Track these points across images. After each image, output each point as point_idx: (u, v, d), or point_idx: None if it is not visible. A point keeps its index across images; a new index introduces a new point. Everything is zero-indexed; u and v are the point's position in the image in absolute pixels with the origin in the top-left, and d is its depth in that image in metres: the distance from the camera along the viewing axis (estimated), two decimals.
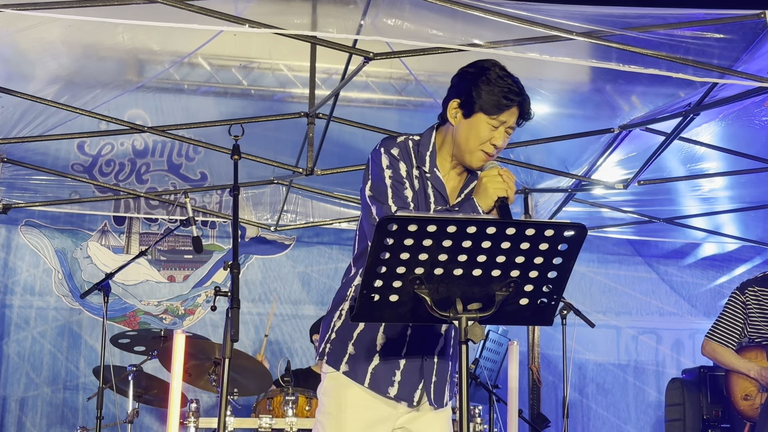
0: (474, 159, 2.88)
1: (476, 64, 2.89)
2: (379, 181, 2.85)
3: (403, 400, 2.89)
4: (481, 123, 2.83)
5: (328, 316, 3.00)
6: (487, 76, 2.82)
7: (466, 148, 2.87)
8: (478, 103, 2.82)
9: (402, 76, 6.23)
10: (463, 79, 2.88)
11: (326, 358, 2.93)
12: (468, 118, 2.85)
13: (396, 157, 2.87)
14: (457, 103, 2.87)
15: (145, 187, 6.96)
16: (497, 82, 2.81)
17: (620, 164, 6.39)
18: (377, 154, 2.89)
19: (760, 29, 4.59)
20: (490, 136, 2.84)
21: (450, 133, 2.92)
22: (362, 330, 2.89)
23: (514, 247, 2.35)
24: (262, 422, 4.83)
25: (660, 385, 7.32)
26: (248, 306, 7.06)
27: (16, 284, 6.95)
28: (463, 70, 2.91)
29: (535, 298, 2.46)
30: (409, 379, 2.89)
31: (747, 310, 5.25)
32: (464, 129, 2.87)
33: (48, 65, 5.45)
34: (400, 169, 2.86)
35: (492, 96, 2.81)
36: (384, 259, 2.33)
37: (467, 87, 2.84)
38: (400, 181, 2.85)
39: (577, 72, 5.74)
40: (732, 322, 5.28)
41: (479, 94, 2.81)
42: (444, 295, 2.41)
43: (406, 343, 2.88)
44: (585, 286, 7.63)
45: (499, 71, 2.84)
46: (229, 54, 6.21)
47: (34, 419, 6.80)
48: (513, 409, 4.96)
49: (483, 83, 2.82)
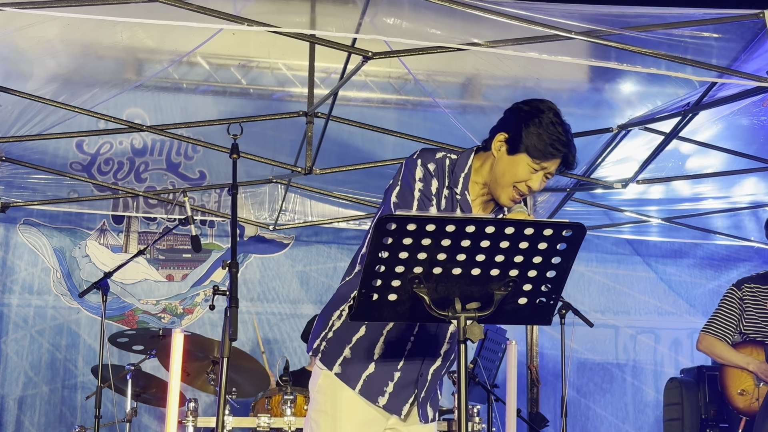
0: (504, 195, 2.87)
1: (532, 104, 2.88)
2: (407, 191, 2.84)
3: (392, 413, 2.88)
4: (523, 163, 2.82)
5: (326, 313, 2.96)
6: (541, 119, 2.81)
7: (502, 182, 2.86)
8: (524, 143, 2.81)
9: (401, 76, 6.23)
10: (516, 115, 2.87)
11: (320, 355, 2.91)
12: (511, 155, 2.84)
13: (431, 173, 2.85)
14: (504, 137, 2.86)
15: (144, 185, 6.96)
16: (548, 128, 2.80)
17: (619, 164, 6.39)
18: (413, 163, 2.86)
19: (759, 29, 4.59)
20: (528, 177, 2.84)
21: (489, 163, 2.91)
22: (362, 336, 2.86)
23: (513, 246, 2.35)
24: (261, 421, 4.83)
25: (658, 384, 7.32)
26: (247, 305, 7.05)
27: (14, 283, 6.94)
28: (518, 105, 2.90)
29: (534, 298, 2.46)
30: (401, 392, 2.88)
31: (743, 305, 5.28)
32: (504, 164, 2.86)
33: (46, 64, 5.45)
34: (431, 185, 2.85)
35: (540, 141, 2.79)
36: (383, 258, 2.33)
37: (518, 124, 2.83)
38: (428, 197, 2.84)
39: (576, 71, 5.75)
40: (728, 316, 5.31)
41: (528, 136, 2.81)
42: (443, 294, 2.40)
43: (404, 356, 2.86)
44: (584, 286, 7.63)
45: (553, 117, 2.82)
46: (228, 53, 6.21)
47: (33, 418, 6.79)
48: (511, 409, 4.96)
49: (534, 125, 2.81)
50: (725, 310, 5.33)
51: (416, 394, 2.90)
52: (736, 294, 5.32)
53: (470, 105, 6.30)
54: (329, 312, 2.95)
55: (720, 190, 6.91)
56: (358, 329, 2.87)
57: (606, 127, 6.00)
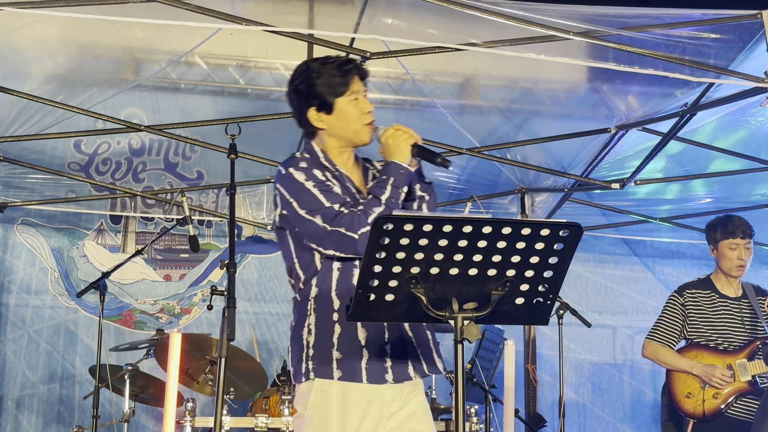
0: (363, 134, 3.03)
1: (297, 73, 3.04)
2: (305, 196, 2.89)
3: (401, 381, 2.91)
4: (344, 107, 2.98)
5: (296, 338, 2.94)
6: (315, 73, 2.97)
7: (352, 131, 3.01)
8: (328, 96, 2.96)
9: (399, 76, 6.23)
10: (298, 92, 3.02)
11: (312, 374, 2.87)
12: (331, 113, 2.98)
13: (308, 168, 2.94)
14: (314, 110, 2.99)
15: (142, 186, 6.95)
16: (324, 71, 2.97)
17: (617, 164, 6.39)
18: (287, 177, 2.94)
19: (757, 29, 4.59)
20: (359, 109, 2.99)
21: (327, 136, 3.03)
22: (341, 332, 2.87)
23: (510, 246, 2.35)
24: (258, 422, 4.83)
25: (656, 384, 7.32)
26: (244, 305, 7.05)
27: (12, 283, 6.94)
28: (293, 86, 3.03)
29: (531, 298, 2.47)
30: (400, 360, 2.91)
31: (686, 311, 5.36)
32: (336, 123, 2.99)
33: (44, 64, 5.44)
34: (317, 175, 2.92)
35: (332, 82, 2.95)
36: (380, 259, 2.33)
37: (308, 93, 2.98)
38: (324, 184, 2.91)
39: (573, 72, 5.75)
40: (671, 322, 5.39)
41: (323, 90, 2.96)
42: (440, 294, 2.41)
43: (386, 328, 2.89)
44: (581, 286, 7.63)
45: (316, 64, 3.00)
46: (226, 53, 6.21)
47: (30, 418, 6.79)
48: (509, 409, 4.97)
49: (316, 80, 2.96)
50: (668, 317, 5.41)
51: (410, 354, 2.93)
52: (678, 300, 5.41)
53: (468, 105, 6.30)
54: (298, 334, 2.94)
55: (717, 191, 6.91)
56: (333, 330, 2.87)
57: (604, 127, 6.00)
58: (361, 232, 2.81)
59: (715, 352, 5.25)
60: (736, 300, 5.36)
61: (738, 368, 5.18)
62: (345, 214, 2.84)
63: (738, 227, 5.37)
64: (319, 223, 2.86)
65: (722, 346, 5.26)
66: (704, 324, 5.32)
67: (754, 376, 5.17)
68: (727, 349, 5.24)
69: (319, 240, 2.87)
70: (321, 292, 2.91)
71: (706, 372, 5.17)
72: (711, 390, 5.17)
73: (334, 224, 2.83)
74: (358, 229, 2.82)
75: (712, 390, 5.17)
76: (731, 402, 5.15)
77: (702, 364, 5.21)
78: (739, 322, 5.29)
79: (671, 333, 5.38)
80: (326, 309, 2.89)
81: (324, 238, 2.85)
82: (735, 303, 5.35)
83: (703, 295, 5.38)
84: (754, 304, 5.31)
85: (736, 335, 5.27)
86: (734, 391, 5.17)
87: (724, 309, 5.33)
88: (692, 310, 5.35)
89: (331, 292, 2.90)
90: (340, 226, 2.83)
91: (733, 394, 5.16)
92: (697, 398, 5.19)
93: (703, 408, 5.17)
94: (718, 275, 5.45)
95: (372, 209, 2.85)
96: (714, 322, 5.30)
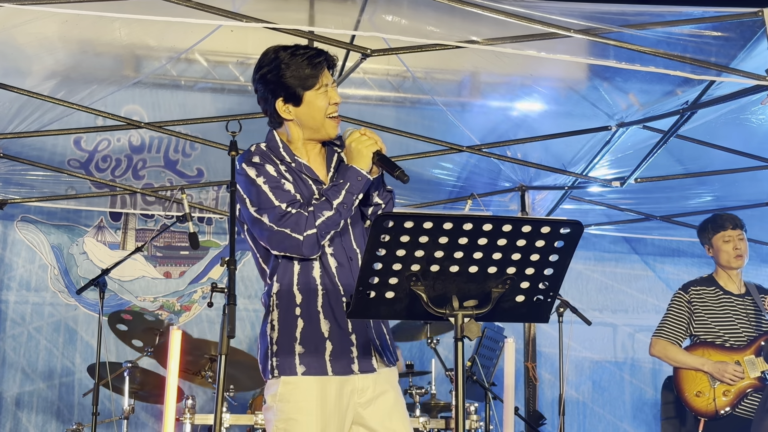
0: (329, 128, 3.00)
1: (264, 62, 2.99)
2: (255, 193, 2.89)
3: (365, 372, 2.90)
4: (312, 99, 2.95)
5: (263, 336, 2.96)
6: (283, 64, 2.93)
7: (318, 123, 2.98)
8: (295, 88, 2.93)
9: (399, 73, 6.23)
10: (265, 82, 2.98)
11: (276, 372, 2.87)
12: (299, 105, 2.95)
13: (260, 163, 2.93)
14: (281, 101, 2.95)
15: (142, 183, 6.95)
16: (292, 61, 2.93)
17: (617, 162, 6.39)
18: (241, 172, 2.94)
19: (758, 27, 4.60)
20: (327, 101, 2.96)
21: (294, 127, 3.00)
22: (303, 327, 2.87)
23: (511, 243, 2.34)
24: (258, 419, 4.82)
25: (656, 382, 7.32)
26: (244, 302, 7.04)
27: (11, 280, 6.93)
28: (258, 76, 3.00)
29: (532, 295, 2.46)
30: (365, 350, 2.91)
31: (692, 308, 5.36)
32: (303, 114, 2.97)
33: (45, 61, 5.44)
34: (269, 171, 2.91)
35: (300, 73, 2.92)
36: (380, 256, 2.33)
37: (277, 83, 2.94)
38: (275, 180, 2.90)
39: (574, 69, 5.74)
40: (678, 320, 5.39)
41: (291, 81, 2.93)
42: (440, 291, 2.40)
43: (348, 320, 2.88)
44: (581, 284, 7.63)
45: (284, 54, 2.95)
46: (226, 50, 6.20)
47: (30, 415, 6.79)
48: (509, 407, 4.96)
49: (284, 71, 2.92)
50: (675, 314, 5.41)
51: (373, 345, 2.93)
52: (684, 297, 5.40)
53: (468, 102, 6.30)
54: (263, 330, 2.96)
55: (718, 189, 6.91)
56: (296, 324, 2.87)
57: (604, 125, 6.00)
58: (306, 234, 2.81)
59: (721, 349, 5.24)
60: (741, 297, 5.36)
61: (746, 364, 5.17)
62: (292, 215, 2.82)
63: (727, 220, 5.41)
64: (267, 222, 2.85)
65: (728, 343, 5.24)
66: (711, 320, 5.30)
67: (764, 372, 5.15)
68: (733, 346, 5.23)
69: (267, 239, 2.88)
70: (282, 287, 2.91)
71: (718, 369, 5.14)
72: (721, 387, 5.15)
73: (281, 224, 2.82)
74: (303, 231, 2.81)
75: (723, 387, 5.15)
76: (742, 399, 5.14)
77: (713, 361, 5.18)
78: (745, 318, 5.29)
79: (678, 330, 5.37)
80: (289, 304, 2.89)
81: (271, 237, 2.85)
82: (740, 299, 5.35)
83: (708, 291, 5.37)
84: (758, 301, 5.31)
85: (743, 331, 5.26)
86: (745, 387, 5.15)
87: (729, 305, 5.32)
88: (698, 307, 5.34)
89: (293, 287, 2.89)
90: (286, 227, 2.82)
91: (744, 391, 5.14)
92: (708, 396, 5.17)
93: (715, 406, 5.15)
94: (719, 273, 5.45)
95: (321, 212, 2.83)
96: (721, 318, 5.30)
